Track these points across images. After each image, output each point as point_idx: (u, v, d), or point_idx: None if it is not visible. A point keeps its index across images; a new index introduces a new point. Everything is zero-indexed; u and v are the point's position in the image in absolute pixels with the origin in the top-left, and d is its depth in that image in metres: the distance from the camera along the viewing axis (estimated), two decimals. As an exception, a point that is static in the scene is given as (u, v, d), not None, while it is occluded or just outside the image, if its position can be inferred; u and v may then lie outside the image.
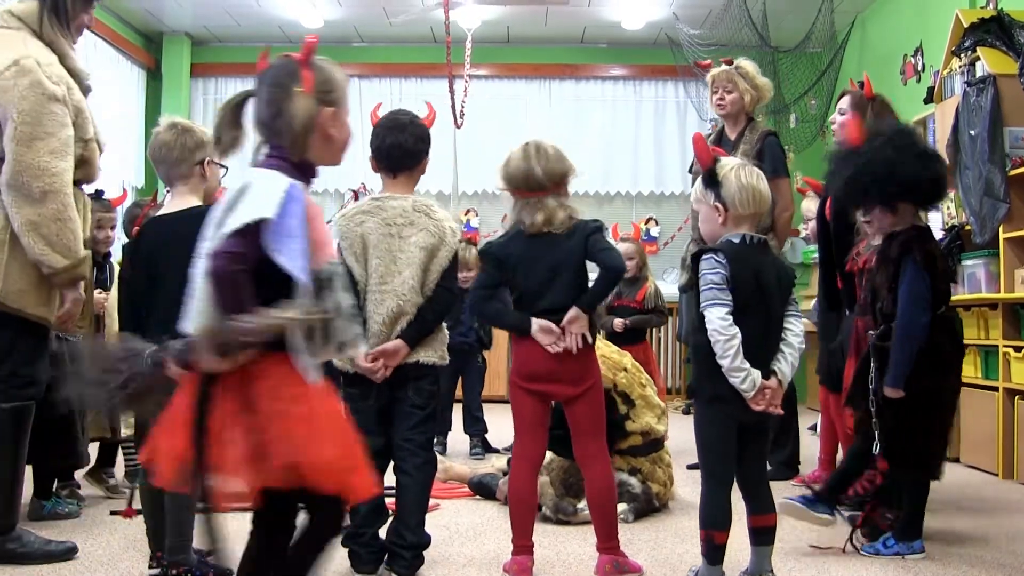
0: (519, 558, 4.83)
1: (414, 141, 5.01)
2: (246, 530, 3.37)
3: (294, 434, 3.04)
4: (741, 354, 4.33)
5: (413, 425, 4.90)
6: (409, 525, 4.87)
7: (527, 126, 15.04)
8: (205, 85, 15.51)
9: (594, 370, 4.94)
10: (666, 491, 6.53)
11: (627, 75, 15.61)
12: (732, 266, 4.40)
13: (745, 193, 4.49)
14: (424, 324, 4.86)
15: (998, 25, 8.48)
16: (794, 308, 4.57)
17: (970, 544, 5.68)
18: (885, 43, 12.86)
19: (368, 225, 4.89)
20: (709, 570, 4.56)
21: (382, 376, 4.81)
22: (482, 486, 6.88)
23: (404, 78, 15.00)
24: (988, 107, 8.20)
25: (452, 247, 4.95)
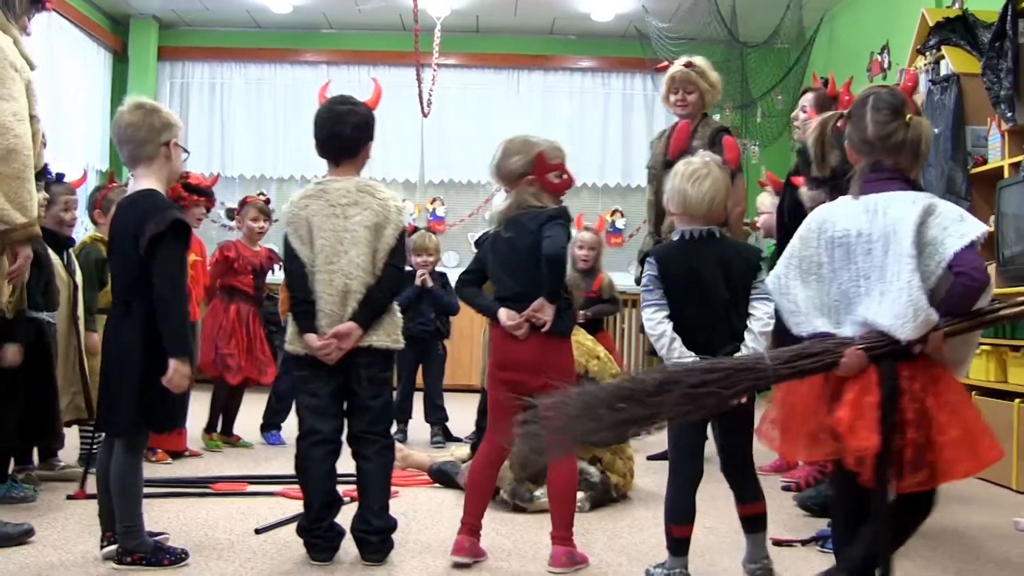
0: (460, 537, 4.87)
1: (351, 131, 5.00)
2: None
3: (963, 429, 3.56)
4: (678, 348, 4.44)
5: (371, 419, 4.91)
6: (373, 510, 4.88)
7: (495, 116, 15.07)
8: (172, 69, 15.42)
9: (563, 360, 4.98)
10: (625, 482, 6.54)
11: (596, 67, 15.61)
12: (662, 266, 4.56)
13: (676, 194, 4.65)
14: (374, 303, 4.86)
15: (963, 25, 8.54)
16: (758, 292, 4.56)
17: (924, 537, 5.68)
18: (852, 41, 12.90)
19: (312, 208, 4.92)
20: (673, 561, 4.61)
21: (335, 358, 4.82)
22: (442, 474, 6.88)
23: (372, 65, 14.94)
24: (951, 106, 8.24)
25: (398, 225, 4.95)
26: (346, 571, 4.73)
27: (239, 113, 15.40)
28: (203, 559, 4.81)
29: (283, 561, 4.85)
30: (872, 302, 3.64)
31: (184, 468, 7.25)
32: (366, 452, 4.90)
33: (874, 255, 3.67)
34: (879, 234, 3.67)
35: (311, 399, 4.91)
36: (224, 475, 6.97)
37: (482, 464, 4.98)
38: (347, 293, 4.83)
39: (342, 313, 4.83)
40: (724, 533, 5.48)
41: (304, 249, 4.90)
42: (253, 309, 8.38)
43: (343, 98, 5.14)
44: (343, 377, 4.91)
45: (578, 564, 4.83)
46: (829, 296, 3.80)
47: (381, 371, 4.95)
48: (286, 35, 15.34)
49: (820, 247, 3.84)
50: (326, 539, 4.86)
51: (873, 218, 3.71)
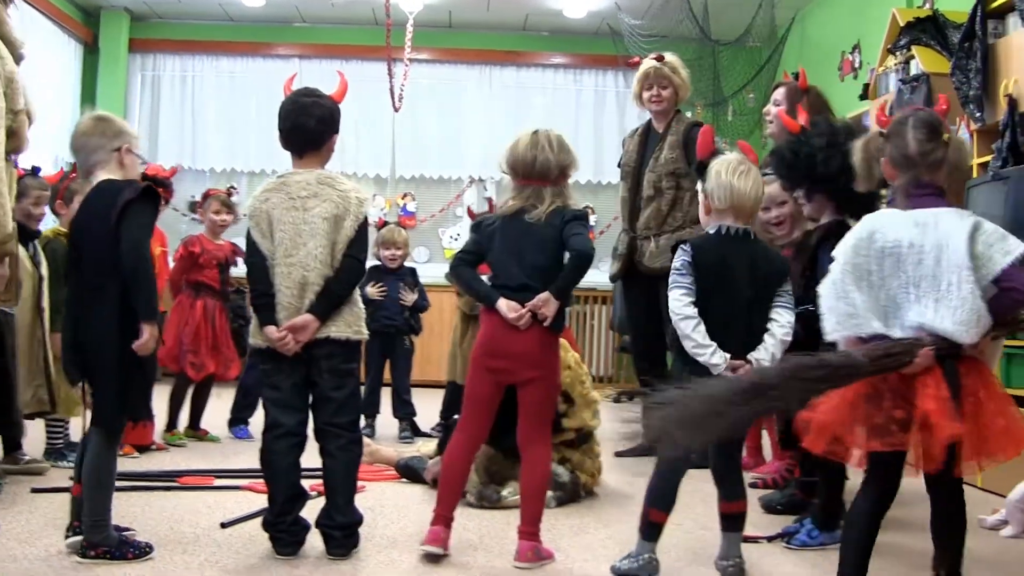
0: (435, 528, 4.87)
1: (315, 123, 4.99)
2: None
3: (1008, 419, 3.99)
4: (702, 331, 4.51)
5: (333, 410, 4.90)
6: (338, 506, 4.88)
7: (467, 112, 15.08)
8: (143, 61, 15.33)
9: (554, 358, 5.01)
10: (593, 480, 6.56)
11: (568, 63, 15.62)
12: (696, 253, 4.62)
13: (722, 189, 4.68)
14: (331, 295, 4.85)
15: (933, 25, 8.57)
16: (784, 301, 4.69)
17: (890, 533, 5.71)
18: (824, 40, 12.94)
19: (272, 201, 4.91)
20: (642, 545, 4.65)
21: (292, 349, 4.81)
22: (409, 469, 6.87)
23: (344, 59, 14.84)
24: (921, 105, 8.26)
25: (358, 217, 4.92)
26: (312, 565, 4.72)
27: (210, 106, 15.34)
28: (168, 553, 4.80)
29: (248, 555, 4.85)
30: (925, 309, 3.91)
31: (151, 462, 7.23)
32: (331, 447, 4.90)
33: (925, 265, 3.92)
34: (931, 246, 3.91)
35: (274, 392, 4.91)
36: (191, 469, 6.95)
37: (458, 455, 4.98)
38: (305, 285, 4.82)
39: (300, 305, 4.82)
40: (690, 529, 5.49)
41: (265, 242, 4.89)
42: (219, 304, 8.35)
43: (308, 90, 5.12)
44: (305, 370, 4.90)
45: (544, 559, 4.84)
46: (878, 301, 3.99)
47: (342, 362, 4.93)
48: (258, 28, 15.30)
49: (870, 255, 4.01)
50: (291, 533, 4.86)
51: (924, 231, 3.94)
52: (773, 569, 4.92)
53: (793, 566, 5.01)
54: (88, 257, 4.68)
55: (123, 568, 4.54)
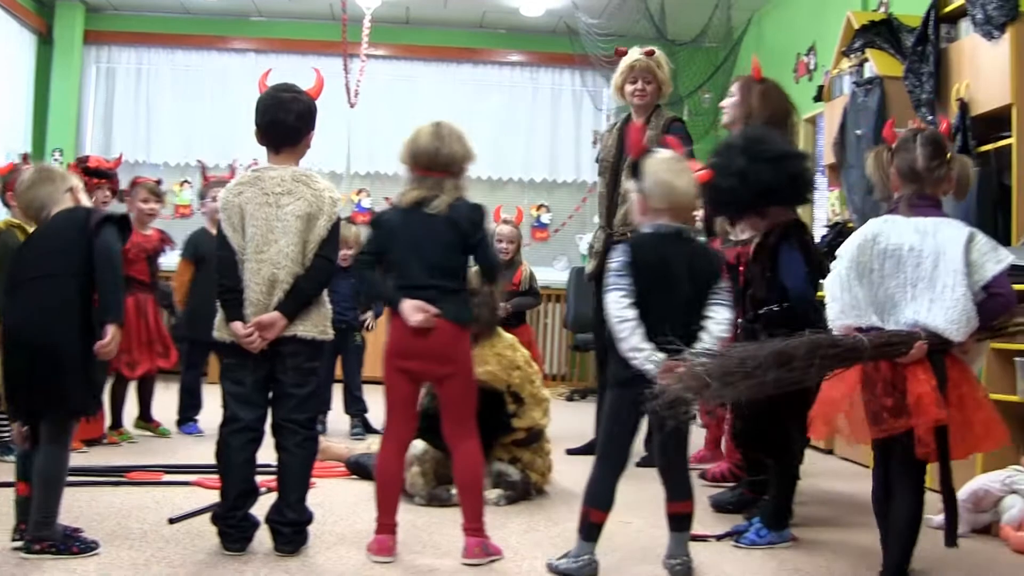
0: (381, 537, 4.87)
1: (295, 118, 4.99)
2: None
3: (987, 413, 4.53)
4: (639, 334, 4.49)
5: (293, 406, 4.90)
6: (289, 502, 4.88)
7: (423, 108, 15.01)
8: (98, 53, 15.24)
9: (464, 352, 5.00)
10: (544, 479, 6.58)
11: (525, 61, 15.63)
12: (634, 253, 4.61)
13: (660, 188, 4.67)
14: (300, 295, 4.84)
15: (887, 28, 8.61)
16: (720, 298, 4.68)
17: (837, 532, 5.77)
18: (780, 41, 12.99)
19: (246, 195, 4.90)
20: (581, 547, 4.65)
21: (258, 347, 4.80)
22: (359, 466, 6.87)
23: (302, 54, 14.86)
24: (874, 108, 8.32)
25: (331, 216, 4.93)
26: (259, 562, 4.71)
27: (166, 99, 15.23)
28: (115, 548, 4.79)
29: (196, 551, 4.84)
30: (920, 307, 4.41)
31: (99, 457, 7.19)
32: (287, 443, 4.90)
33: (923, 268, 4.43)
34: (929, 251, 4.42)
35: (235, 387, 4.90)
36: (139, 464, 6.92)
37: (390, 461, 4.97)
38: (274, 283, 4.82)
39: (268, 302, 4.81)
40: (640, 527, 5.51)
41: (236, 237, 4.88)
42: (151, 298, 8.23)
43: (287, 86, 5.11)
44: (269, 367, 4.89)
45: (492, 555, 4.85)
46: (876, 297, 4.48)
47: (307, 361, 4.94)
48: (214, 22, 15.23)
49: (873, 255, 4.49)
50: (240, 529, 4.85)
51: (924, 238, 4.45)
52: (722, 568, 4.94)
53: (742, 565, 5.03)
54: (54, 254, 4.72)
55: (69, 563, 4.52)
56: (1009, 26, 6.81)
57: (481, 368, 6.09)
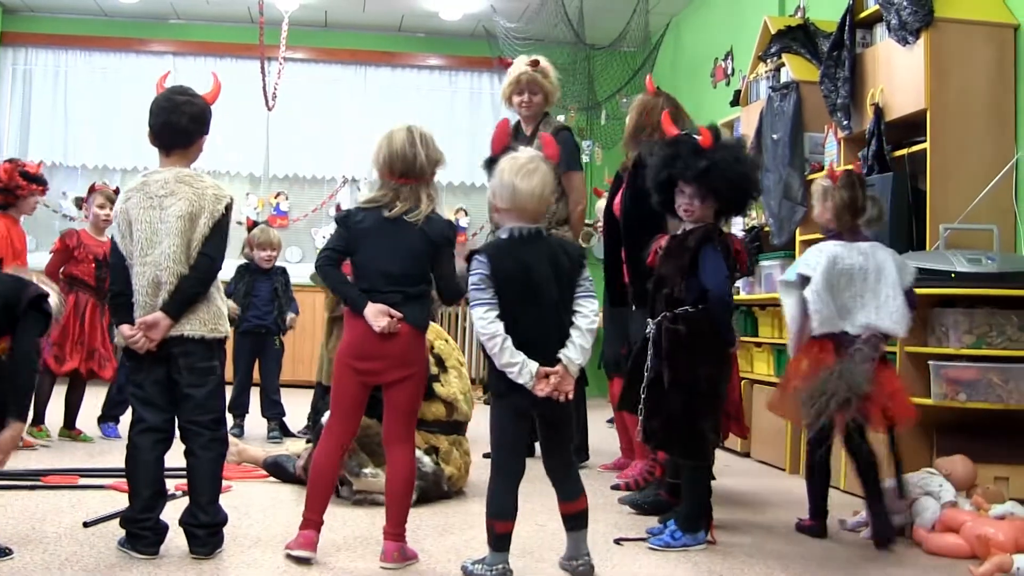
0: (305, 532, 4.85)
1: (187, 121, 4.93)
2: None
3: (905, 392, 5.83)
4: (509, 348, 4.49)
5: (193, 407, 4.86)
6: (201, 505, 4.84)
7: (341, 111, 15.07)
8: (15, 55, 15.14)
9: (421, 357, 5.02)
10: (460, 475, 6.57)
11: (443, 65, 15.69)
12: (494, 263, 4.57)
13: (504, 189, 4.66)
14: (182, 293, 4.80)
15: (803, 33, 8.68)
16: (584, 290, 4.69)
17: (753, 534, 5.81)
18: (697, 46, 13.07)
19: (132, 201, 4.87)
20: (494, 556, 4.63)
21: (143, 346, 4.77)
22: (277, 466, 6.84)
23: (219, 57, 14.85)
24: (790, 112, 8.38)
25: (214, 214, 4.87)
26: (173, 565, 4.67)
27: (83, 102, 15.16)
28: (29, 552, 4.74)
29: (110, 554, 4.79)
30: (870, 313, 5.62)
31: (14, 460, 7.08)
32: (193, 445, 4.86)
33: (868, 282, 5.67)
34: (872, 268, 5.68)
35: (138, 390, 4.87)
36: (55, 468, 6.86)
37: (326, 458, 4.94)
38: (158, 284, 4.78)
39: (155, 304, 4.78)
40: (554, 530, 5.51)
41: (124, 242, 4.86)
42: (93, 300, 8.21)
43: (182, 89, 5.06)
44: (165, 367, 4.86)
45: (408, 559, 4.84)
46: (836, 307, 5.63)
47: (200, 360, 4.88)
48: (132, 24, 15.15)
49: (835, 274, 5.65)
50: (153, 531, 4.80)
51: (866, 258, 5.71)
52: (635, 569, 4.95)
53: (655, 566, 5.04)
54: None
55: (-19, 567, 4.49)
56: (923, 32, 6.87)
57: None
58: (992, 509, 5.55)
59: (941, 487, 5.71)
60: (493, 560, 4.62)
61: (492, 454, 4.77)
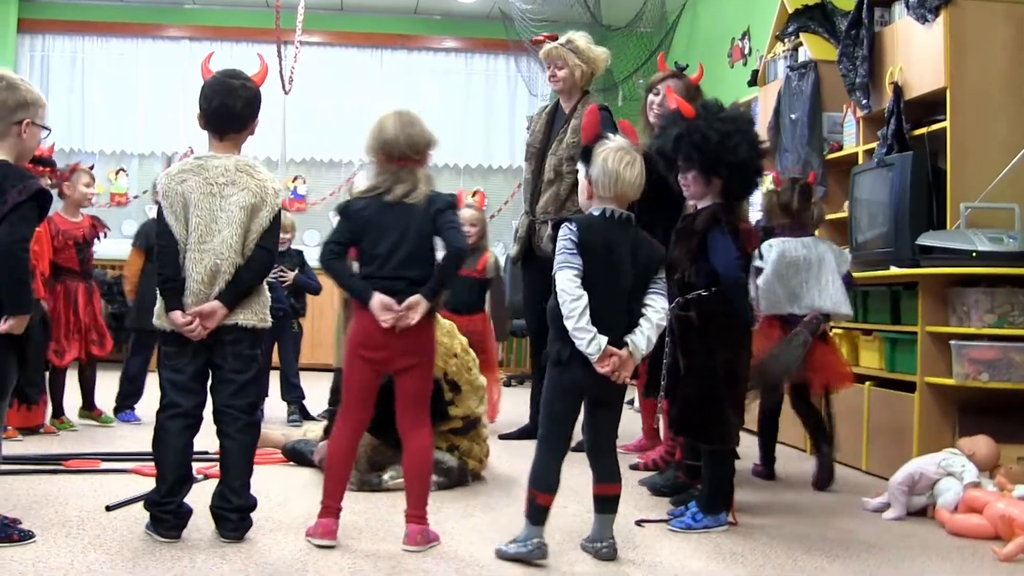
0: (324, 520, 4.85)
1: (242, 105, 4.92)
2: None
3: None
4: (587, 317, 4.49)
5: (233, 391, 4.87)
6: (234, 488, 4.85)
7: (358, 95, 15.04)
8: (32, 42, 15.15)
9: (430, 343, 5.01)
10: (481, 465, 6.58)
11: (459, 47, 15.68)
12: (582, 234, 4.61)
13: (607, 177, 4.69)
14: (241, 284, 4.81)
15: (821, 12, 8.63)
16: (659, 287, 4.73)
17: (773, 516, 5.79)
18: (714, 26, 13.03)
19: (189, 184, 4.82)
20: (529, 531, 4.64)
21: (199, 335, 4.76)
22: (296, 452, 6.86)
23: (235, 42, 14.85)
24: (808, 92, 8.35)
25: (273, 207, 4.89)
26: (196, 548, 4.67)
27: (100, 88, 15.18)
28: (52, 536, 4.74)
29: (132, 537, 4.80)
30: (814, 296, 6.42)
31: (37, 445, 7.15)
32: (229, 429, 4.87)
33: (812, 270, 6.46)
34: (814, 259, 6.49)
35: (175, 374, 4.85)
36: (77, 452, 6.87)
37: (342, 445, 4.94)
38: (216, 273, 4.77)
39: (209, 292, 4.77)
40: (576, 512, 5.51)
41: (178, 226, 4.82)
42: (82, 285, 8.10)
43: (235, 72, 5.05)
44: (208, 354, 4.87)
45: (431, 542, 4.84)
46: (786, 292, 6.42)
47: (247, 348, 4.91)
48: (148, 9, 15.16)
49: (783, 264, 6.41)
50: (176, 515, 4.81)
51: (809, 250, 6.52)
52: (658, 552, 4.94)
53: (676, 548, 5.03)
54: None
55: (7, 551, 4.47)
56: (943, 9, 6.83)
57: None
58: (1015, 489, 5.52)
59: (964, 467, 5.68)
60: (528, 534, 4.64)
61: (540, 424, 4.77)
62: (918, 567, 4.88)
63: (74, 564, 4.36)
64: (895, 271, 6.84)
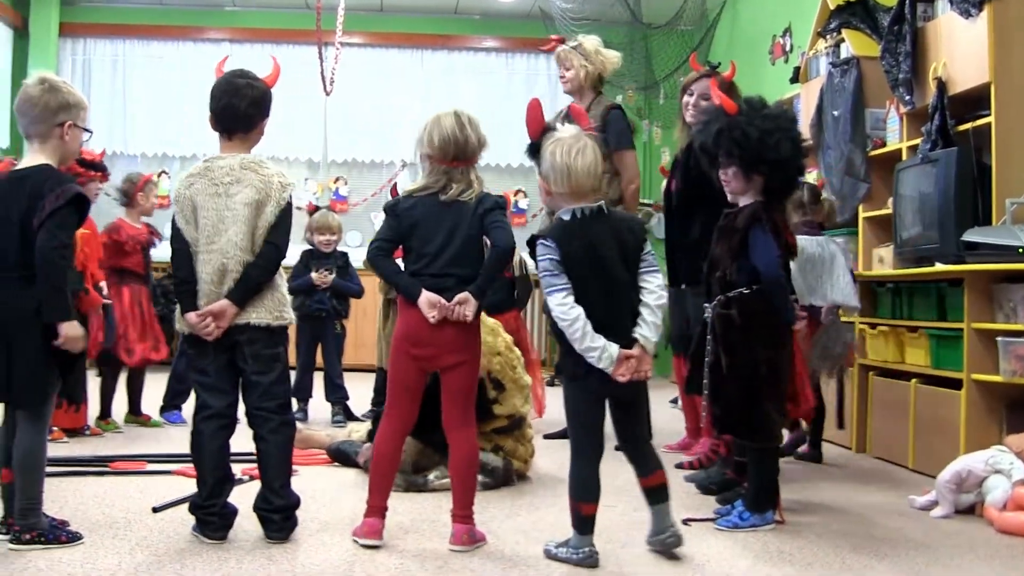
0: (370, 520, 4.86)
1: (247, 105, 4.95)
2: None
3: None
4: (590, 333, 4.46)
5: (260, 393, 4.89)
6: (274, 489, 4.89)
7: (398, 95, 15.06)
8: (74, 45, 15.25)
9: (476, 342, 5.01)
10: (526, 465, 6.58)
11: (499, 47, 15.68)
12: (562, 246, 4.55)
13: (557, 172, 4.65)
14: (249, 281, 4.82)
15: (863, 8, 8.57)
16: (648, 265, 4.67)
17: (820, 514, 5.77)
18: (755, 23, 12.98)
19: (196, 187, 4.88)
20: (579, 539, 4.63)
21: (213, 335, 4.80)
22: (340, 453, 6.87)
23: (275, 43, 14.85)
24: (851, 88, 8.29)
25: (279, 202, 4.89)
26: (242, 550, 4.71)
27: (141, 90, 15.27)
28: (99, 538, 4.79)
29: (179, 538, 4.84)
30: (827, 290, 6.79)
31: (83, 447, 7.20)
32: (262, 431, 4.91)
33: (824, 266, 6.83)
34: (827, 256, 6.86)
35: (201, 376, 4.91)
36: (122, 454, 6.93)
37: (388, 443, 4.95)
38: (224, 272, 4.81)
39: (220, 292, 4.81)
40: (623, 511, 5.51)
41: (188, 229, 4.88)
42: (144, 289, 8.31)
43: (242, 72, 5.09)
44: (229, 354, 4.90)
45: (477, 542, 4.84)
46: (805, 285, 6.67)
47: (265, 348, 4.91)
48: (188, 12, 15.24)
49: (802, 260, 6.56)
50: (221, 517, 4.85)
51: (822, 248, 6.91)
52: (703, 549, 4.93)
53: (723, 547, 5.02)
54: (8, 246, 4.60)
55: (54, 553, 4.51)
56: (986, 4, 6.77)
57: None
58: (1065, 486, 5.50)
59: (1012, 465, 5.64)
60: (578, 543, 4.62)
61: (570, 436, 4.74)
62: (967, 565, 4.85)
63: (122, 565, 4.40)
64: (940, 268, 6.81)
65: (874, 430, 7.77)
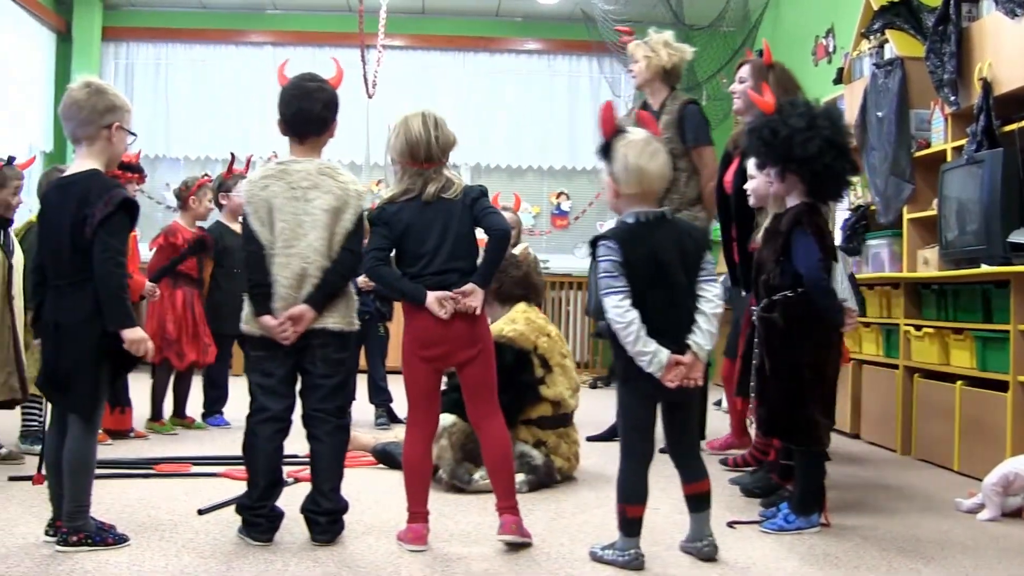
0: (414, 526, 4.86)
1: (320, 108, 4.97)
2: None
3: None
4: (643, 337, 4.43)
5: (323, 396, 4.91)
6: (324, 492, 4.89)
7: (440, 98, 15.05)
8: (117, 49, 15.33)
9: (485, 333, 5.02)
10: (570, 465, 6.55)
11: (541, 49, 15.66)
12: (625, 249, 4.51)
13: (629, 173, 4.59)
14: (328, 287, 4.84)
15: (907, 8, 8.54)
16: (707, 273, 4.64)
17: (866, 517, 5.75)
18: (797, 24, 12.96)
19: (273, 189, 4.87)
20: (625, 542, 4.62)
21: (291, 340, 4.81)
22: (386, 454, 6.88)
23: (317, 47, 14.88)
24: (895, 89, 8.26)
25: (356, 209, 4.93)
26: (289, 552, 4.72)
27: (183, 94, 15.34)
28: (145, 540, 4.80)
29: (225, 541, 4.85)
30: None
31: (128, 449, 7.23)
32: (318, 432, 4.91)
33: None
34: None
35: (265, 378, 4.90)
36: (167, 456, 6.95)
37: (416, 451, 4.96)
38: (304, 276, 4.82)
39: (297, 296, 4.81)
40: (667, 513, 5.50)
41: (263, 231, 4.87)
42: (196, 292, 8.37)
43: (312, 75, 5.10)
44: (297, 358, 4.90)
45: (525, 537, 4.85)
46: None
47: (336, 352, 4.93)
48: (231, 15, 15.31)
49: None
50: (268, 519, 4.86)
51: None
52: (749, 552, 4.91)
53: (769, 550, 5.00)
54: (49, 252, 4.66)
55: (102, 555, 4.53)
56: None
57: (509, 327, 6.27)
58: (1113, 489, 5.47)
59: (1062, 468, 5.62)
60: (625, 545, 4.61)
61: (620, 438, 4.73)
62: (1014, 569, 4.82)
63: (168, 568, 4.41)
64: (986, 269, 6.77)
65: (919, 432, 7.73)
